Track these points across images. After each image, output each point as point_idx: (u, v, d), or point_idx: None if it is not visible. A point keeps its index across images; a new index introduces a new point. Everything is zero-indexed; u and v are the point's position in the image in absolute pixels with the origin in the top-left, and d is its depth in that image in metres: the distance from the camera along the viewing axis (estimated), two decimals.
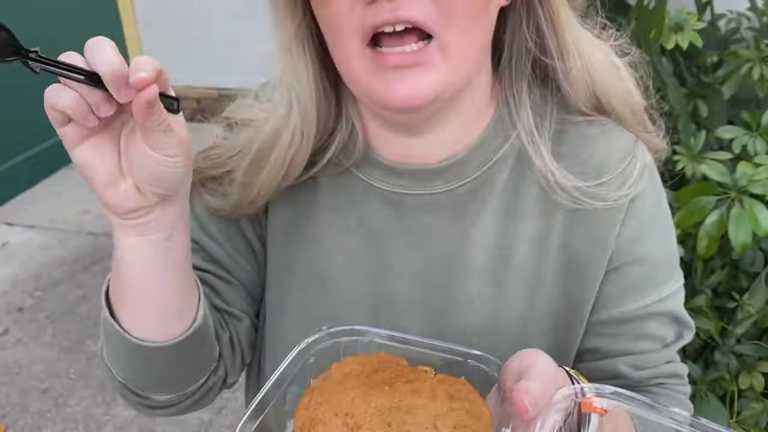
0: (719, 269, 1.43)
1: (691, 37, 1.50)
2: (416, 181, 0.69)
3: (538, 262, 0.69)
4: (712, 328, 1.40)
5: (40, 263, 3.17)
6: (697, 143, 1.43)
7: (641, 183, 0.68)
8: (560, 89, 0.68)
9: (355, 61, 0.59)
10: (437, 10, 0.55)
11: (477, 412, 0.49)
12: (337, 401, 0.49)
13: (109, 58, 0.49)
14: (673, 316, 0.72)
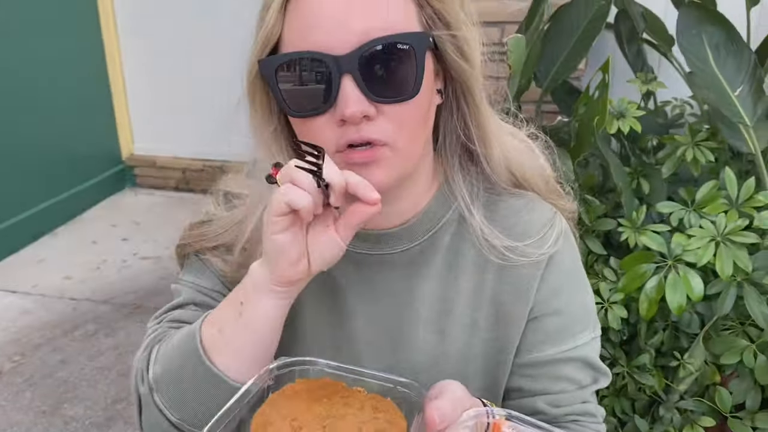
0: (661, 330, 1.56)
1: (631, 123, 1.69)
2: (375, 243, 0.83)
3: (473, 311, 0.82)
4: (656, 385, 1.52)
5: (21, 327, 3.21)
6: (639, 217, 1.60)
7: (557, 246, 0.82)
8: (485, 169, 0.83)
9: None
10: (391, 129, 0.71)
11: (395, 421, 0.62)
12: (286, 409, 0.63)
13: (338, 175, 0.64)
14: (588, 362, 0.84)
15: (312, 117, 0.70)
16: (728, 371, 1.54)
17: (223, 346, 0.72)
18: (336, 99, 0.68)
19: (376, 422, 0.62)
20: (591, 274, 1.63)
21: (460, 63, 0.74)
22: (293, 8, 0.69)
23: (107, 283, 3.59)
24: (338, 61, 0.67)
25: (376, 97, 0.68)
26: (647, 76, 1.93)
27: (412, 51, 0.68)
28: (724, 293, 1.45)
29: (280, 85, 0.70)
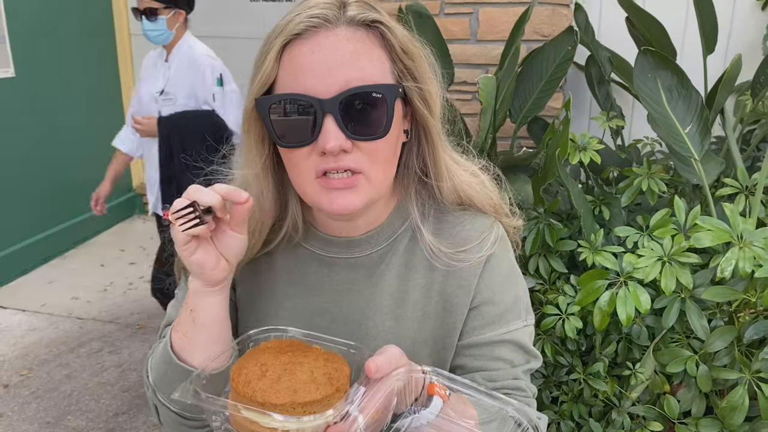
0: (615, 342, 1.72)
1: (591, 155, 1.87)
2: (344, 248, 0.99)
3: (424, 302, 0.98)
4: (609, 391, 1.67)
5: (29, 344, 3.37)
6: (597, 239, 1.77)
7: (494, 248, 0.98)
8: (435, 196, 1.00)
9: (308, 186, 0.90)
10: (364, 159, 0.87)
11: (341, 369, 0.80)
12: (257, 357, 0.82)
13: (213, 196, 0.81)
14: (520, 345, 0.99)
15: (298, 148, 0.86)
16: (676, 380, 1.68)
17: (187, 346, 0.90)
18: (319, 134, 0.84)
19: (326, 367, 0.79)
20: (552, 290, 1.79)
21: (423, 111, 0.91)
22: (288, 58, 0.85)
23: (113, 304, 3.76)
24: (322, 103, 0.82)
25: (352, 134, 0.84)
26: (609, 114, 2.12)
27: (384, 99, 0.84)
28: (668, 308, 1.61)
29: (273, 120, 0.86)
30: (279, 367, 0.79)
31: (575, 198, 1.76)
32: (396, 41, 0.87)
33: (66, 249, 4.28)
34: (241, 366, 0.81)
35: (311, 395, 0.75)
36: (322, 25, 0.84)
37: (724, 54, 2.53)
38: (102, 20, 4.47)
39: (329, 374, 0.78)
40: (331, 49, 0.83)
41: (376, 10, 0.89)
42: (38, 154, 4.04)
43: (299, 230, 1.00)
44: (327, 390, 0.76)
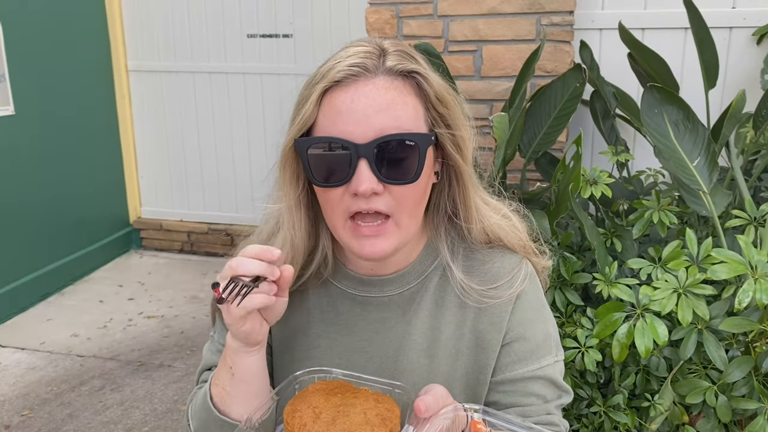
0: (633, 374, 1.73)
1: (602, 189, 1.91)
2: (376, 287, 1.01)
3: (457, 340, 1.00)
4: (629, 423, 1.68)
5: (29, 383, 3.31)
6: (611, 271, 1.79)
7: (524, 285, 1.00)
8: (465, 237, 1.03)
9: (340, 228, 0.93)
10: (394, 203, 0.90)
11: (392, 409, 0.83)
12: (309, 400, 0.83)
13: (257, 265, 0.84)
14: (551, 381, 1.00)
15: (332, 188, 0.90)
16: (695, 411, 1.70)
17: (228, 399, 0.93)
18: (353, 176, 0.86)
19: (377, 408, 0.81)
20: (569, 323, 1.81)
21: (455, 156, 0.95)
22: (327, 103, 0.89)
23: (113, 340, 3.72)
24: (358, 148, 0.86)
25: (384, 178, 0.88)
26: (617, 148, 2.17)
27: (417, 147, 0.88)
28: (686, 339, 1.63)
29: (310, 160, 0.90)
30: (332, 410, 0.81)
31: (588, 231, 1.80)
32: (431, 90, 0.91)
33: (64, 285, 4.24)
34: (294, 409, 0.82)
35: None
36: (362, 74, 0.88)
37: (722, 88, 2.60)
38: (100, 57, 4.50)
39: (382, 415, 0.80)
40: (369, 98, 0.87)
41: (414, 59, 0.93)
42: (35, 191, 4.03)
43: (329, 266, 1.03)
44: (381, 430, 0.78)
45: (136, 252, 4.85)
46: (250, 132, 4.49)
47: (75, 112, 4.28)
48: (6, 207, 3.84)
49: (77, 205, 4.36)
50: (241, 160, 4.56)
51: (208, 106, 4.56)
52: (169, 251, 4.81)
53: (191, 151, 4.67)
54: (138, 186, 4.83)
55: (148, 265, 4.66)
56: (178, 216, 4.76)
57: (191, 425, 0.99)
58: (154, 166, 4.78)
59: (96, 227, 4.52)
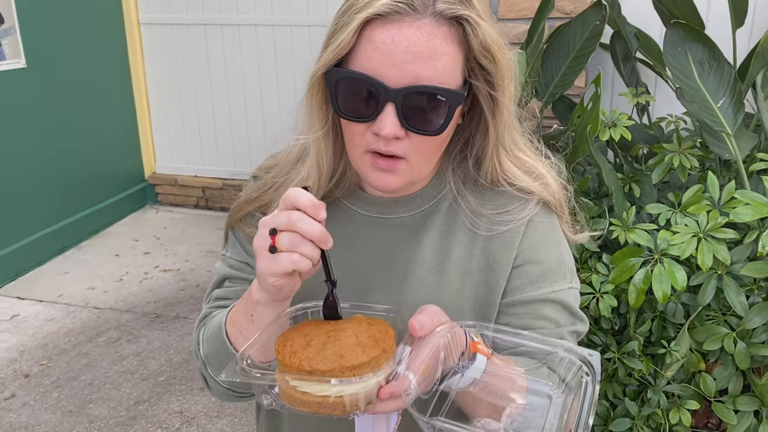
0: (649, 320, 1.69)
1: (621, 131, 1.84)
2: (388, 208, 1.00)
3: (467, 259, 0.98)
4: (645, 370, 1.64)
5: (48, 334, 3.36)
6: (629, 217, 1.74)
7: (537, 209, 0.97)
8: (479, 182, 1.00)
9: (358, 157, 0.92)
10: (412, 149, 0.89)
11: (384, 330, 0.80)
12: (301, 329, 0.81)
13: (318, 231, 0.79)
14: (565, 306, 0.98)
15: (356, 122, 0.88)
16: (712, 359, 1.66)
17: (243, 340, 0.91)
18: (377, 117, 0.85)
19: (370, 330, 0.78)
20: (584, 269, 1.76)
21: (486, 112, 0.92)
22: (366, 36, 0.85)
23: (129, 293, 3.76)
24: (388, 92, 0.84)
25: (408, 126, 0.86)
26: (638, 89, 2.08)
27: (447, 103, 0.85)
28: (705, 284, 1.58)
29: (338, 92, 0.87)
30: (323, 336, 0.78)
31: (606, 175, 1.73)
32: (477, 40, 0.86)
33: (80, 240, 4.27)
34: (284, 339, 0.80)
35: (358, 358, 0.74)
36: (408, 12, 0.83)
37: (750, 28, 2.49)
38: (111, 10, 4.44)
39: (374, 336, 0.78)
40: (410, 42, 0.83)
41: (470, 3, 0.87)
42: (50, 145, 4.03)
43: (344, 187, 1.01)
44: (374, 351, 0.75)
45: (152, 207, 4.86)
46: (263, 84, 4.42)
47: (87, 65, 4.25)
48: (21, 161, 3.85)
49: (92, 160, 4.36)
50: (254, 113, 4.51)
51: (220, 59, 4.49)
52: (184, 206, 4.82)
53: (204, 106, 4.63)
54: (152, 141, 4.81)
55: (163, 220, 4.67)
56: (192, 171, 4.75)
57: (201, 349, 0.99)
58: (167, 121, 4.75)
59: (111, 182, 4.53)
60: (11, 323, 3.45)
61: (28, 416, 2.79)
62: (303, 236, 0.77)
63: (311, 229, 0.77)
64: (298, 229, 0.77)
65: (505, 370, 0.81)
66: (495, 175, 0.97)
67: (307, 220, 0.77)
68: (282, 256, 0.77)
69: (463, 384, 0.80)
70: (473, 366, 0.80)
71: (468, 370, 0.80)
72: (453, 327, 0.80)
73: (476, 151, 0.97)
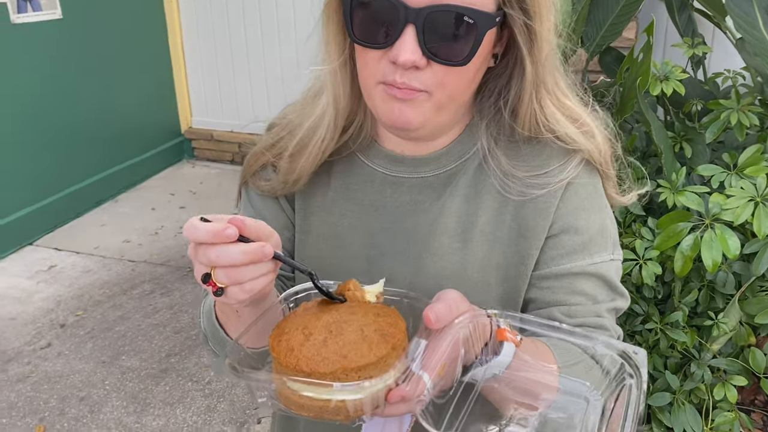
0: (696, 290, 1.57)
1: (674, 85, 1.69)
2: (410, 167, 0.90)
3: (495, 225, 0.87)
4: (688, 342, 1.54)
5: (83, 285, 3.40)
6: (679, 178, 1.61)
7: (578, 171, 0.86)
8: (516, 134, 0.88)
9: (371, 88, 0.81)
10: (434, 83, 0.77)
11: (394, 323, 0.68)
12: (299, 320, 0.70)
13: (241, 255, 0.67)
14: (605, 280, 0.87)
15: (370, 49, 0.77)
16: (764, 333, 1.54)
17: (233, 330, 0.82)
18: (395, 42, 0.74)
19: (377, 323, 0.67)
20: (628, 233, 1.65)
21: (522, 47, 0.79)
22: None
23: (164, 247, 3.77)
24: (408, 11, 0.73)
25: (429, 53, 0.74)
26: (694, 40, 1.92)
27: (475, 26, 0.74)
28: (760, 253, 1.45)
29: (353, 13, 0.77)
30: (323, 329, 0.67)
31: (656, 133, 1.60)
32: None
33: (117, 193, 4.30)
34: (280, 332, 0.69)
35: (364, 358, 0.64)
36: None
37: None
38: None
39: (382, 330, 0.67)
40: None
41: None
42: (87, 98, 4.02)
43: (360, 139, 0.91)
44: (382, 349, 0.65)
45: (188, 162, 4.85)
46: (298, 38, 4.31)
47: (122, 18, 4.20)
48: (59, 113, 3.86)
49: (129, 113, 4.36)
50: (289, 67, 4.42)
51: (256, 12, 4.39)
52: (220, 162, 4.80)
53: (240, 60, 4.55)
54: (188, 95, 4.78)
55: (199, 175, 4.66)
56: (228, 126, 4.71)
57: (201, 322, 0.92)
58: (203, 75, 4.70)
59: (148, 136, 4.53)
60: (49, 274, 3.50)
61: (63, 365, 2.84)
62: (235, 266, 0.66)
63: (236, 259, 0.65)
64: (224, 263, 0.65)
65: (534, 365, 0.71)
66: (535, 120, 0.84)
67: (226, 250, 0.65)
68: (232, 291, 0.67)
69: (488, 375, 0.71)
70: (498, 358, 0.70)
71: (492, 362, 0.70)
72: (475, 316, 0.69)
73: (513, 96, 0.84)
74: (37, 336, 3.02)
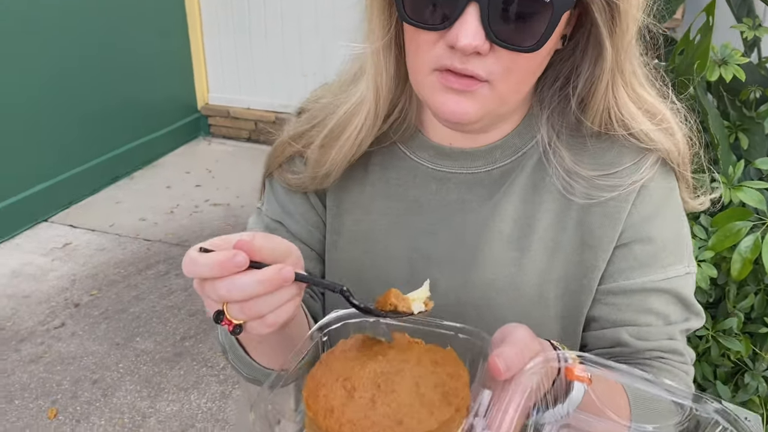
0: (752, 294, 1.46)
1: (734, 70, 1.56)
2: (458, 161, 0.79)
3: (557, 232, 0.77)
4: (743, 351, 1.43)
5: (98, 264, 3.34)
6: (736, 172, 1.48)
7: (653, 172, 0.75)
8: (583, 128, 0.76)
9: (422, 76, 0.70)
10: (498, 70, 0.66)
11: (456, 374, 0.57)
12: (338, 369, 0.59)
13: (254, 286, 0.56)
14: (679, 297, 0.77)
15: (424, 30, 0.66)
16: None
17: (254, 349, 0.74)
18: (454, 23, 0.64)
19: (435, 376, 0.57)
20: None
21: (601, 28, 0.67)
22: None
23: (180, 226, 3.69)
24: None
25: (495, 37, 0.63)
26: (755, 21, 1.78)
27: (551, 7, 0.63)
28: None
29: None
30: (370, 383, 0.56)
31: (713, 122, 1.47)
32: None
33: (133, 170, 4.22)
34: (316, 383, 0.58)
35: (423, 425, 0.53)
36: None
37: None
38: None
39: (443, 386, 0.56)
40: None
41: None
42: (103, 73, 3.93)
43: (403, 129, 0.80)
44: (444, 413, 0.54)
45: (204, 139, 4.76)
46: (318, 14, 4.17)
47: None
48: (75, 89, 3.77)
49: (145, 89, 4.27)
50: (309, 45, 4.29)
51: None
52: (236, 139, 4.70)
53: (258, 36, 4.43)
54: (205, 71, 4.67)
55: (215, 153, 4.57)
56: (245, 103, 4.61)
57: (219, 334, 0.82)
58: (221, 51, 4.59)
59: (165, 112, 4.44)
60: (63, 251, 3.44)
61: (77, 346, 2.79)
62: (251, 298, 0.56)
63: (251, 291, 0.55)
64: (238, 298, 0.55)
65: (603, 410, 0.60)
66: (607, 114, 0.74)
67: (237, 282, 0.55)
68: (253, 326, 0.57)
69: (549, 420, 0.61)
70: (567, 402, 0.60)
71: (557, 409, 0.60)
72: (548, 360, 0.58)
73: (583, 85, 0.73)
74: (50, 315, 2.97)
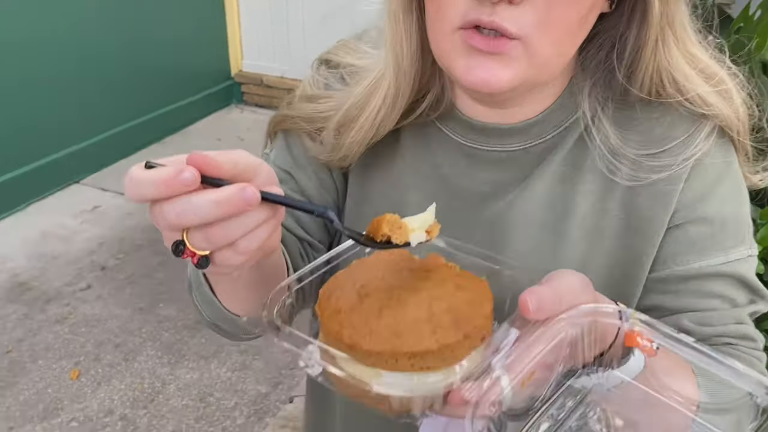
0: None
1: None
2: (493, 138, 0.71)
3: (599, 216, 0.69)
4: None
5: (126, 228, 3.35)
6: None
7: (707, 145, 0.66)
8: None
9: (445, 39, 0.61)
10: (535, 21, 0.57)
11: (476, 301, 0.51)
12: (359, 275, 0.54)
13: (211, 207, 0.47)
14: (743, 281, 0.69)
15: None
16: None
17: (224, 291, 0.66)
18: None
19: (453, 299, 0.51)
20: None
21: None
22: None
23: None
24: None
25: None
26: None
27: None
28: None
29: None
30: (384, 294, 0.51)
31: None
32: None
33: (164, 135, 4.21)
34: (334, 284, 0.54)
35: (422, 343, 0.48)
36: None
37: None
38: None
39: (457, 311, 0.50)
40: None
41: None
42: (136, 39, 3.91)
43: (440, 107, 0.72)
44: (449, 336, 0.49)
45: (237, 106, 4.73)
46: None
47: None
48: (109, 52, 3.76)
49: (179, 55, 4.24)
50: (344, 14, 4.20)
51: None
52: (269, 108, 4.65)
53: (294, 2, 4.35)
54: (240, 38, 4.62)
55: (247, 121, 4.54)
56: (279, 72, 4.55)
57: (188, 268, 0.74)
58: (255, 18, 4.53)
59: (198, 78, 4.42)
60: (92, 214, 3.45)
61: (101, 309, 2.80)
62: (215, 222, 0.46)
63: (207, 213, 0.45)
64: (191, 222, 0.46)
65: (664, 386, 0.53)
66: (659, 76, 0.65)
67: (190, 203, 0.45)
68: (224, 255, 0.49)
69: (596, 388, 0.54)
70: (620, 369, 0.53)
71: (608, 375, 0.53)
72: (597, 313, 0.51)
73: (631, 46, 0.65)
74: (77, 277, 2.99)
